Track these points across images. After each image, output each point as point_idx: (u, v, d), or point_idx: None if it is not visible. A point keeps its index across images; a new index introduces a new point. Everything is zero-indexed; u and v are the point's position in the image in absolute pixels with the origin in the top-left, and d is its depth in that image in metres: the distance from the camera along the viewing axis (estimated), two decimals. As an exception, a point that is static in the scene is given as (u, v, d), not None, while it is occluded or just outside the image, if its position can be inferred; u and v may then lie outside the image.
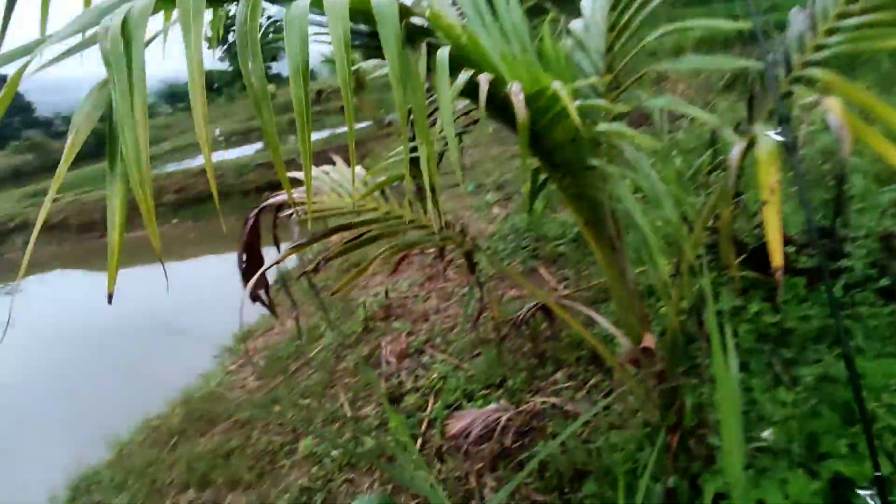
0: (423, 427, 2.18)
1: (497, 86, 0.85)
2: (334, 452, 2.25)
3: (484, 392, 2.24)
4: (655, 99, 0.96)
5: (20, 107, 31.94)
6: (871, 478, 1.20)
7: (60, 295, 7.61)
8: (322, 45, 0.96)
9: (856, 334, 1.69)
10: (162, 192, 9.83)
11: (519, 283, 3.04)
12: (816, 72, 0.90)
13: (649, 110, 1.32)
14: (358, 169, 1.60)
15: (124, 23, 0.50)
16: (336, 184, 1.44)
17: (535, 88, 0.92)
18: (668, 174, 2.15)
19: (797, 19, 1.09)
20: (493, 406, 1.86)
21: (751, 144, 0.95)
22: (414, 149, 1.47)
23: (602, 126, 0.99)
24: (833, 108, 0.76)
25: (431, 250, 3.10)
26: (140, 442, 2.92)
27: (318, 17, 0.69)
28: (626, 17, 1.11)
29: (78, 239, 9.91)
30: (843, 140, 0.74)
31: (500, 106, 0.96)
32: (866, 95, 0.82)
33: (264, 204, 1.43)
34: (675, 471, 1.43)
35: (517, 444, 1.96)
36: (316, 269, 1.20)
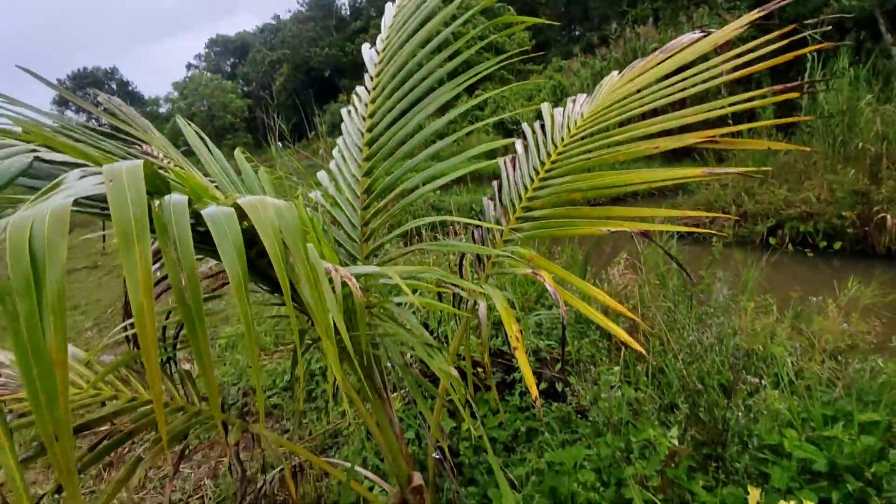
0: None
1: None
2: None
3: None
4: (425, 273, 1.18)
5: None
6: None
7: None
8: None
9: (540, 431, 2.18)
10: None
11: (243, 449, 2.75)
12: (521, 249, 1.28)
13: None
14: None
15: (31, 238, 0.36)
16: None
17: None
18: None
19: (489, 207, 1.51)
20: None
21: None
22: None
23: (395, 300, 1.14)
24: (547, 278, 1.10)
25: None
26: None
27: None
28: (381, 200, 1.34)
29: None
30: (559, 300, 1.08)
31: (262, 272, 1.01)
32: (556, 266, 1.21)
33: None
34: None
35: None
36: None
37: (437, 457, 1.43)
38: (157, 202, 0.49)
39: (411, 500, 1.53)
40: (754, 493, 1.50)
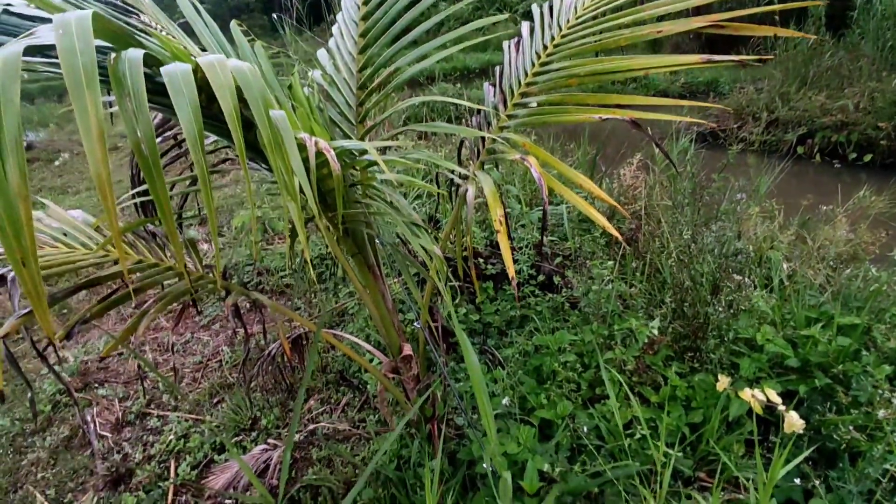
0: (170, 496, 1.92)
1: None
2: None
3: (236, 439, 2.12)
4: (412, 153, 1.18)
5: None
6: (564, 415, 1.69)
7: None
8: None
9: (532, 318, 2.30)
10: None
11: (253, 320, 2.95)
12: (513, 136, 1.27)
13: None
14: (76, 213, 1.37)
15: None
16: (59, 231, 1.21)
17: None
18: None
19: (489, 93, 1.48)
20: (259, 447, 1.80)
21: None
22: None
23: (380, 177, 1.16)
24: (534, 164, 1.11)
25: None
26: None
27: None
28: (375, 79, 1.32)
29: None
30: (542, 186, 1.10)
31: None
32: (544, 153, 1.21)
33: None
34: (435, 454, 1.70)
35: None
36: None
37: (418, 325, 1.54)
38: (113, 55, 0.50)
39: (402, 367, 1.67)
40: (723, 381, 1.61)
